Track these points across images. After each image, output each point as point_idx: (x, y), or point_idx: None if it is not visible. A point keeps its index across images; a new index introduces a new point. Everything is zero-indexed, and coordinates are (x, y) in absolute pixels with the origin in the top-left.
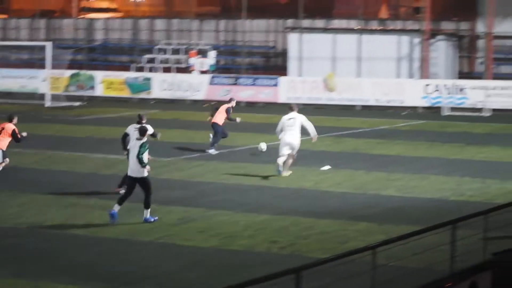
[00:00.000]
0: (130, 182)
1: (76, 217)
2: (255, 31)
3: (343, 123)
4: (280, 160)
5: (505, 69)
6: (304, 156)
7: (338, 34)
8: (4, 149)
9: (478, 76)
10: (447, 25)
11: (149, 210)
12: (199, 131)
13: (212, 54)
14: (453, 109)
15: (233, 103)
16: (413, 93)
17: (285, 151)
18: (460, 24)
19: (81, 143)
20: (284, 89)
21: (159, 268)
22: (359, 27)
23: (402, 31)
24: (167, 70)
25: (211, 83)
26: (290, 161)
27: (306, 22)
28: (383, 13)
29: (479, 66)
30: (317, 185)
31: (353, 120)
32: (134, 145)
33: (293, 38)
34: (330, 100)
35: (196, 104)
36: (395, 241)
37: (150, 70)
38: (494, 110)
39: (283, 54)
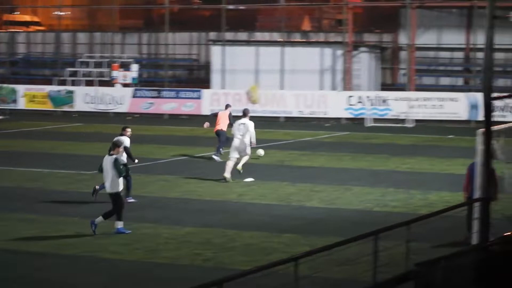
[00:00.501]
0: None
1: (1, 232)
2: (178, 44)
3: (267, 135)
4: (229, 163)
5: (427, 80)
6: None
7: (261, 47)
8: None
9: (401, 88)
10: (370, 37)
11: (100, 220)
12: None
13: (135, 67)
14: (376, 120)
15: (230, 109)
16: (336, 104)
17: (234, 155)
18: (382, 36)
19: (3, 157)
20: (207, 102)
21: (85, 283)
22: (282, 39)
23: (325, 43)
24: (89, 83)
25: (134, 96)
26: (243, 162)
27: (229, 35)
28: (306, 25)
29: (402, 77)
30: (241, 197)
31: (277, 132)
32: (106, 160)
33: (216, 51)
34: (254, 112)
35: (119, 117)
36: (318, 252)
37: (73, 83)
38: (417, 121)
39: (206, 66)
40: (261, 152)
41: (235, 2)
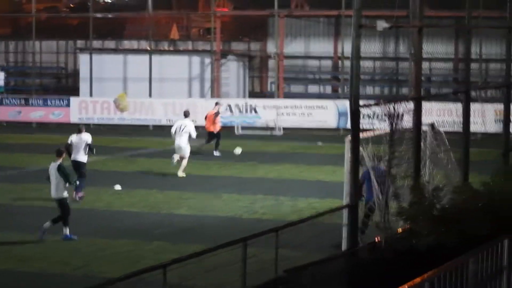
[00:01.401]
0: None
1: None
2: (45, 52)
3: (136, 143)
4: (174, 159)
5: (296, 88)
6: (97, 176)
7: (129, 55)
8: None
9: (270, 96)
10: (238, 46)
11: (53, 225)
12: None
13: (2, 75)
14: (245, 128)
15: (218, 107)
16: (205, 112)
17: (177, 153)
18: (250, 44)
19: None
20: (76, 110)
21: None
22: (150, 47)
23: (193, 51)
24: None
25: (1, 104)
26: (184, 162)
27: (96, 43)
28: (174, 34)
29: (270, 85)
30: (110, 205)
31: (146, 140)
32: (51, 167)
33: (83, 59)
34: (122, 120)
35: None
36: (186, 259)
37: None
38: (285, 129)
39: (74, 74)
40: (238, 150)
41: (103, 11)
